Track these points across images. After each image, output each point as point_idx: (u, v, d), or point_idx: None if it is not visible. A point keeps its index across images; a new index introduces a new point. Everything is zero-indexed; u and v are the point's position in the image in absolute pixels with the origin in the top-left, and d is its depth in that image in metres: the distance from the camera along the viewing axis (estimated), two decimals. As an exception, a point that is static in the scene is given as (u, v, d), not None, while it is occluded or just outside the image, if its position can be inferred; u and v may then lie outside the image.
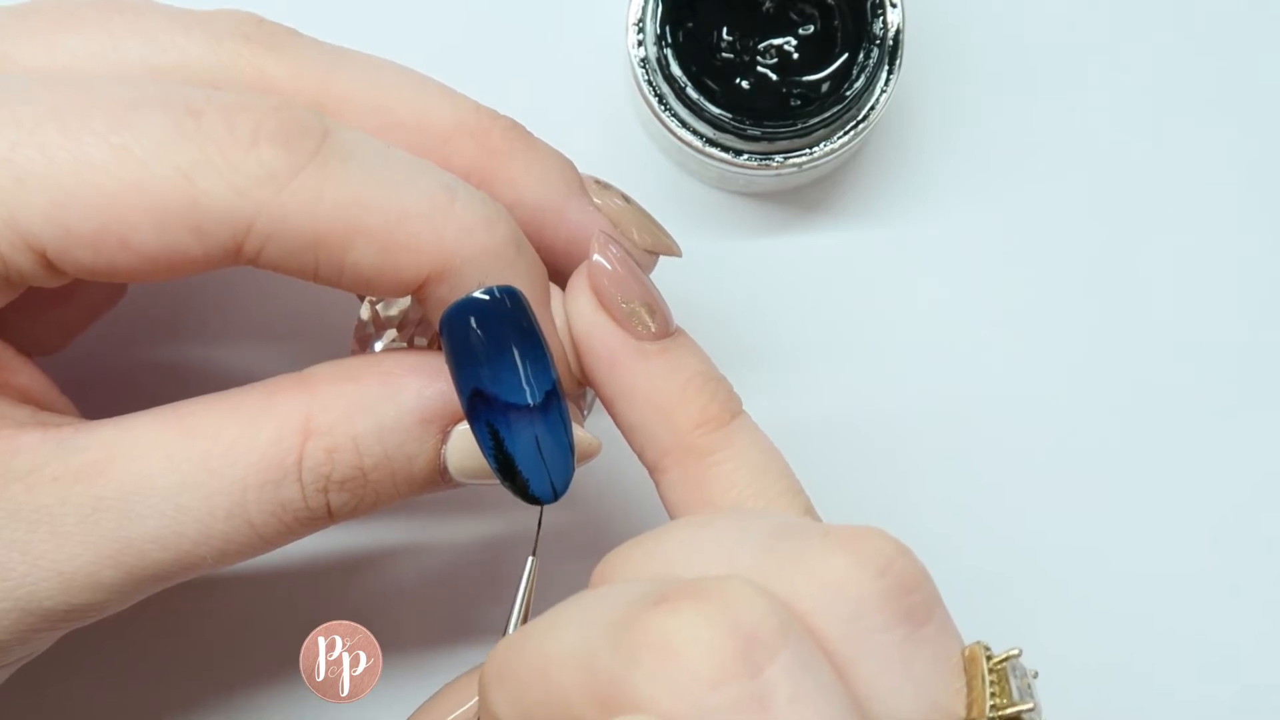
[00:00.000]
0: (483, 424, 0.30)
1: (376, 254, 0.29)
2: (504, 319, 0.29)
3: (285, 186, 0.28)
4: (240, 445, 0.30)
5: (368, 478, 0.30)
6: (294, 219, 0.28)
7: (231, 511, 0.30)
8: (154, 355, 0.39)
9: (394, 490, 0.31)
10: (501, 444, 0.30)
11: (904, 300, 0.41)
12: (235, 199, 0.28)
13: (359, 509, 0.31)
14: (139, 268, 0.28)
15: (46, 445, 0.29)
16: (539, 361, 0.30)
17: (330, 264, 0.29)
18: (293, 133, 0.28)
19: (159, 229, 0.28)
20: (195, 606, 0.39)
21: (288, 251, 0.29)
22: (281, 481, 0.30)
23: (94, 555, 0.29)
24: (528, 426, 0.30)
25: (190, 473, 0.29)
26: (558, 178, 0.33)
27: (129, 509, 0.29)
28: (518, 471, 0.30)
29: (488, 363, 0.29)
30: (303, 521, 0.30)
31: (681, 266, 0.41)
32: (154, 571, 0.30)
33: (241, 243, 0.28)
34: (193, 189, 0.28)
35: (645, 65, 0.38)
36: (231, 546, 0.30)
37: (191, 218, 0.28)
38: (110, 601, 0.30)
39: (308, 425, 0.30)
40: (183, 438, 0.30)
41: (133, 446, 0.30)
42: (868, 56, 0.37)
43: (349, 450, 0.30)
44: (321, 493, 0.30)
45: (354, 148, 0.29)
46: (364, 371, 0.30)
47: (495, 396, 0.29)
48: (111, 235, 0.28)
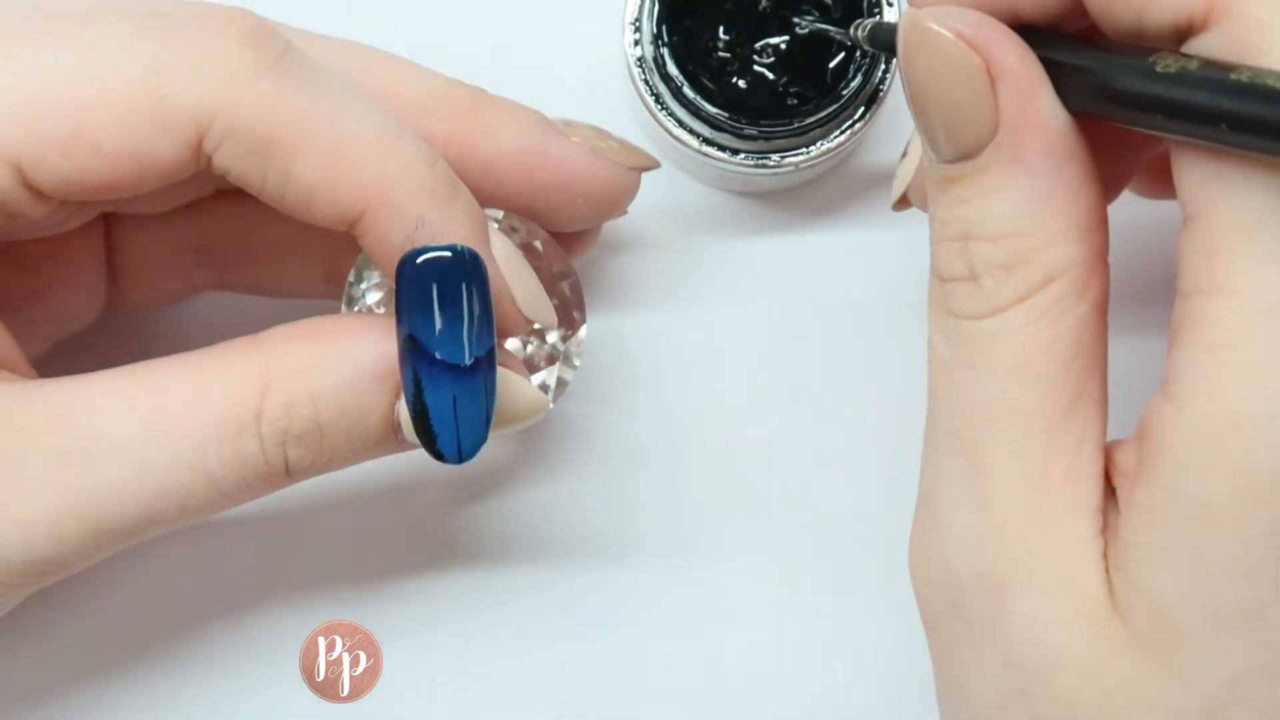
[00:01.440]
0: (409, 369, 0.30)
1: (321, 169, 0.29)
2: (457, 275, 0.30)
3: (249, 85, 0.29)
4: (200, 401, 0.30)
5: (324, 433, 0.31)
6: (253, 119, 0.29)
7: (192, 464, 0.30)
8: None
9: (349, 446, 0.31)
10: (421, 394, 0.30)
11: (903, 300, 0.41)
12: (200, 93, 0.29)
13: (316, 465, 0.31)
14: (112, 176, 0.29)
15: (10, 396, 0.30)
16: (478, 325, 0.30)
17: (278, 172, 0.29)
18: (262, 37, 0.29)
19: (128, 128, 0.29)
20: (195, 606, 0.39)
21: (241, 153, 0.29)
22: (241, 435, 0.30)
23: (56, 506, 0.30)
24: (450, 384, 0.30)
25: (151, 425, 0.30)
26: (531, 124, 0.34)
27: (90, 460, 0.30)
28: (429, 425, 0.30)
29: (428, 312, 0.30)
30: (262, 477, 0.31)
31: (679, 265, 0.41)
32: (116, 524, 0.30)
33: (202, 139, 0.29)
34: (158, 85, 0.29)
35: (642, 64, 0.38)
36: (193, 501, 0.30)
37: (158, 114, 0.29)
38: (73, 556, 0.30)
39: (265, 381, 0.30)
40: (143, 392, 0.30)
41: (94, 399, 0.30)
42: (864, 55, 0.37)
43: (306, 405, 0.30)
44: (280, 447, 0.30)
45: (311, 67, 0.30)
46: (320, 330, 0.31)
47: (425, 346, 0.30)
48: (83, 140, 0.29)
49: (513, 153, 0.34)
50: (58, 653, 0.39)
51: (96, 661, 0.39)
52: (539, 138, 0.34)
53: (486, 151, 0.33)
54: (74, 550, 0.30)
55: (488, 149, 0.33)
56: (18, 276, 0.34)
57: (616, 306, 0.41)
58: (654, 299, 0.41)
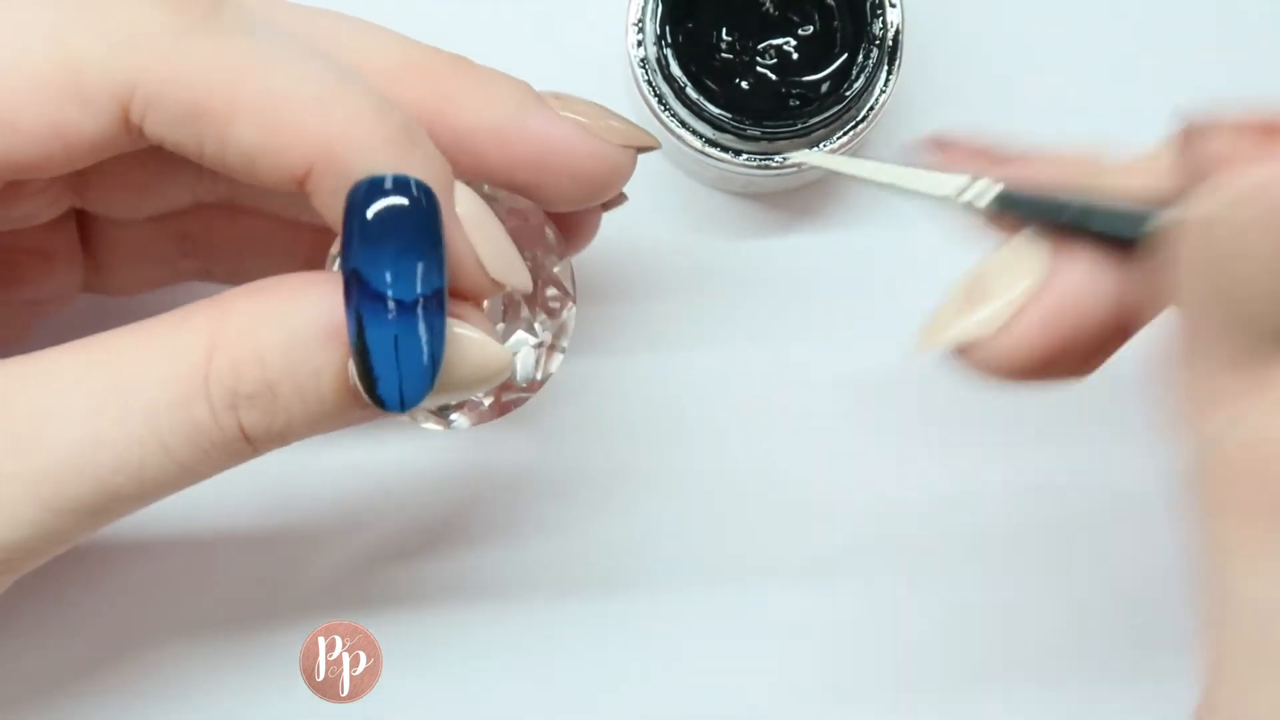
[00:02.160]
0: (353, 307, 0.28)
1: (259, 132, 0.28)
2: (404, 206, 0.28)
3: (168, 50, 0.28)
4: (150, 367, 0.29)
5: (275, 392, 0.29)
6: (176, 86, 0.28)
7: (145, 437, 0.29)
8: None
9: (304, 409, 0.30)
10: (362, 332, 0.28)
11: (903, 301, 0.41)
12: (112, 60, 0.27)
13: (273, 429, 0.30)
14: (35, 154, 0.28)
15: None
16: (428, 260, 0.28)
17: (213, 139, 0.28)
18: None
19: (43, 104, 0.27)
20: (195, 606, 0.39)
21: (170, 121, 0.28)
22: (191, 400, 0.29)
23: (10, 489, 0.28)
24: (391, 323, 0.28)
25: (101, 396, 0.29)
26: (511, 95, 0.32)
27: (40, 438, 0.28)
28: (370, 366, 0.28)
29: (373, 245, 0.28)
30: (219, 445, 0.29)
31: (680, 266, 0.41)
32: (73, 503, 0.29)
33: (127, 110, 0.28)
34: (68, 55, 0.27)
35: (645, 65, 0.38)
36: (149, 473, 0.29)
37: (74, 87, 0.27)
38: (37, 540, 0.29)
39: (213, 340, 0.29)
40: (93, 364, 0.29)
41: (42, 375, 0.29)
42: (867, 57, 0.37)
43: (253, 363, 0.29)
44: (231, 409, 0.29)
45: (244, 21, 0.28)
46: (274, 287, 0.30)
47: (368, 281, 0.28)
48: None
49: (490, 124, 0.31)
50: (54, 652, 0.39)
51: (96, 662, 0.39)
52: (518, 109, 0.32)
53: (461, 122, 0.31)
54: (36, 534, 0.29)
55: (463, 118, 0.31)
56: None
57: (617, 307, 0.41)
58: (654, 300, 0.41)
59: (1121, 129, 0.42)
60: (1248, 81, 0.42)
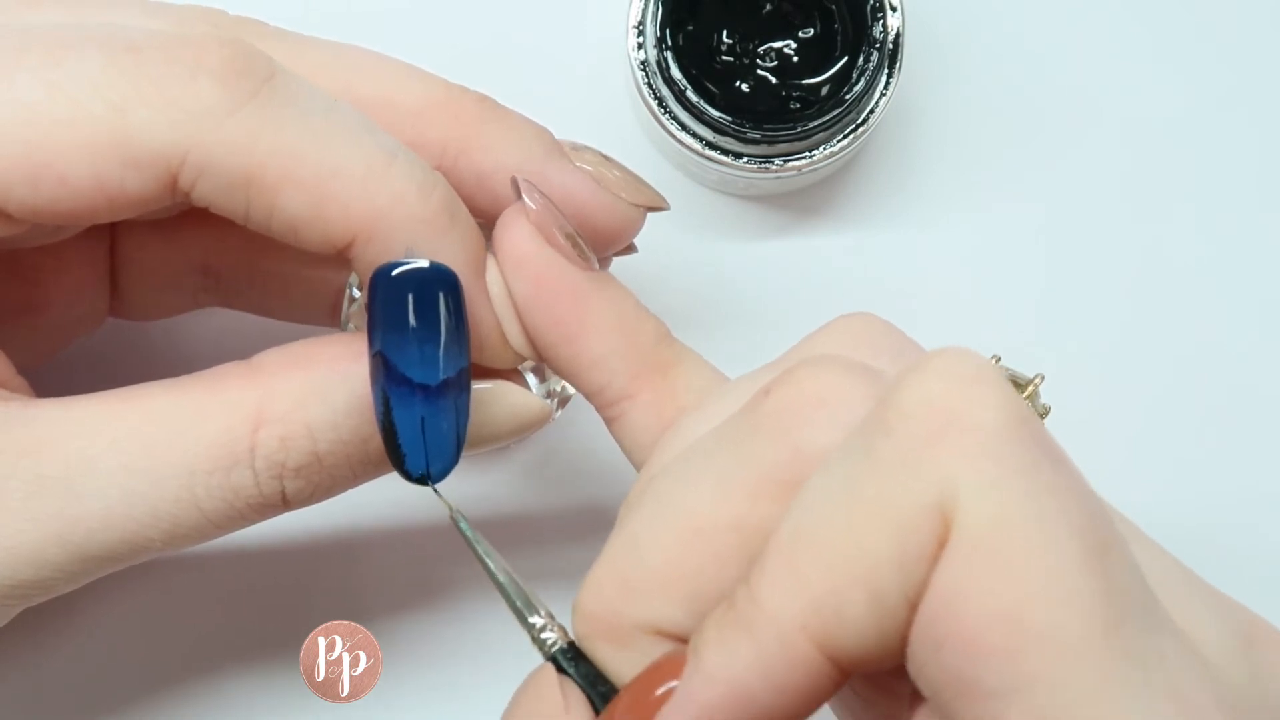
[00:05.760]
0: (379, 387, 0.29)
1: (305, 204, 0.29)
2: (429, 292, 0.29)
3: (220, 124, 0.28)
4: (188, 433, 0.30)
5: (323, 463, 0.30)
6: (226, 157, 0.28)
7: (180, 496, 0.30)
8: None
9: (350, 473, 0.31)
10: (389, 412, 0.29)
11: (903, 303, 0.41)
12: (168, 133, 0.28)
13: (315, 494, 0.31)
14: (80, 205, 0.29)
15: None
16: (451, 346, 0.29)
17: (260, 207, 0.29)
18: (234, 71, 0.29)
19: (93, 164, 0.28)
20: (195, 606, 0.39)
21: (219, 189, 0.29)
22: (233, 468, 0.30)
23: (38, 532, 0.29)
24: (418, 405, 0.29)
25: (136, 457, 0.29)
26: (534, 142, 0.32)
27: (72, 488, 0.29)
28: (398, 444, 0.30)
29: (399, 330, 0.29)
30: (255, 507, 0.30)
31: (681, 269, 0.41)
32: (100, 552, 0.30)
33: (176, 177, 0.29)
34: (125, 124, 0.28)
35: (645, 68, 0.38)
36: (180, 529, 0.30)
37: (125, 152, 0.28)
38: (57, 580, 0.30)
39: (259, 414, 0.30)
40: (128, 422, 0.30)
41: (76, 426, 0.30)
42: (867, 60, 0.37)
43: (303, 437, 0.30)
44: (276, 479, 0.30)
45: (297, 95, 0.29)
46: (314, 356, 0.30)
47: (394, 365, 0.29)
48: (49, 172, 0.28)
49: (511, 169, 0.32)
50: (56, 654, 0.39)
51: (96, 662, 0.39)
52: (541, 159, 0.32)
53: (483, 164, 0.32)
54: (57, 575, 0.30)
55: (485, 162, 0.32)
56: (18, 287, 0.34)
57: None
58: (655, 301, 0.41)
59: (1122, 132, 0.42)
60: (1248, 81, 0.42)
